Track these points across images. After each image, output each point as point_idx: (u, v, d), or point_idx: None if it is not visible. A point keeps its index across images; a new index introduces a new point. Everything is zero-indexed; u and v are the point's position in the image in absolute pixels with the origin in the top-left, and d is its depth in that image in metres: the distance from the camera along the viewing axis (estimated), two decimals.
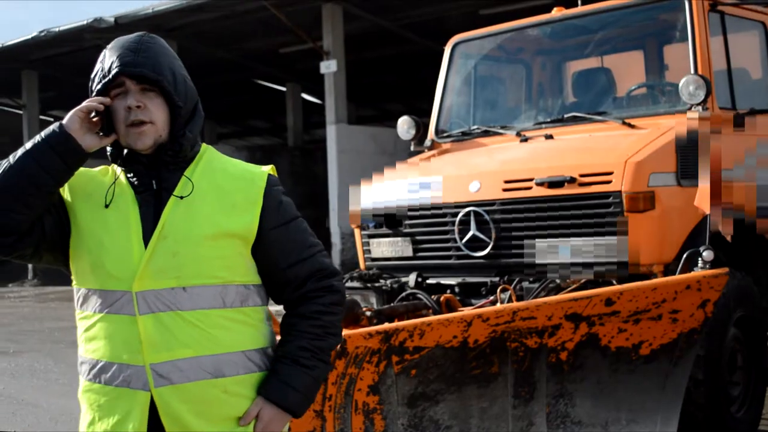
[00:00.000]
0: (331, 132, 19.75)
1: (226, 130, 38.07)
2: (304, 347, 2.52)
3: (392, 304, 5.77)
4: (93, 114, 2.44)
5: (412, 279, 6.17)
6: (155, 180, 2.48)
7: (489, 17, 16.99)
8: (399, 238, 6.32)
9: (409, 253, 6.29)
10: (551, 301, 4.36)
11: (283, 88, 28.34)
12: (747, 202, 5.62)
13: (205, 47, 23.45)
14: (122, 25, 20.89)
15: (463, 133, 7.15)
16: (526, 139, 6.51)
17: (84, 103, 2.44)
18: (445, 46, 7.63)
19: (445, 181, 6.15)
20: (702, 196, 5.26)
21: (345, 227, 18.39)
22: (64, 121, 2.44)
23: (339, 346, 3.90)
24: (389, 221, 6.39)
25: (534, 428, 4.45)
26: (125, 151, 2.48)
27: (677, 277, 4.71)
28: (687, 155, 5.47)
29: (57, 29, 22.25)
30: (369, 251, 6.51)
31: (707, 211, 5.25)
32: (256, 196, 2.51)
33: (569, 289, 5.36)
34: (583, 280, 5.43)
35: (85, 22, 21.11)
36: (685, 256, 5.16)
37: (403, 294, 5.97)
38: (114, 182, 2.50)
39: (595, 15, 6.83)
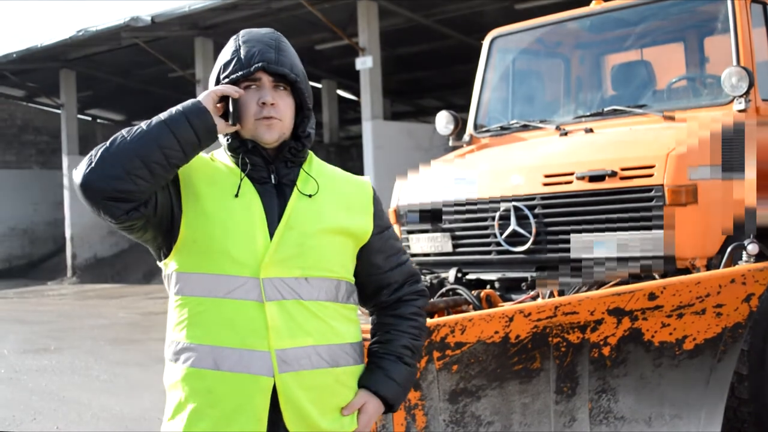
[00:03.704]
0: (367, 128, 19.75)
1: None
2: (406, 346, 2.71)
3: (432, 300, 5.75)
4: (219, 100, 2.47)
5: (451, 274, 6.15)
6: (274, 174, 2.54)
7: (525, 12, 16.95)
8: (438, 234, 6.30)
9: (449, 248, 6.27)
10: (593, 295, 4.31)
11: (319, 85, 28.35)
12: None
13: None
14: (159, 24, 21.02)
15: (502, 128, 7.12)
16: (565, 133, 6.47)
17: (219, 87, 2.47)
18: (480, 40, 7.61)
19: (485, 176, 6.12)
20: (749, 189, 5.20)
21: None
22: (199, 98, 2.47)
23: None
24: (429, 216, 6.38)
25: (576, 424, 4.42)
26: (249, 143, 2.52)
27: (721, 270, 4.65)
28: (730, 148, 5.41)
29: (94, 29, 22.36)
30: (408, 247, 6.49)
31: (753, 204, 5.19)
32: (368, 201, 2.67)
33: (611, 283, 5.32)
34: (624, 275, 5.39)
35: (122, 21, 21.22)
36: (729, 249, 5.09)
37: (443, 290, 5.95)
38: (243, 172, 2.54)
39: (634, 7, 6.78)
